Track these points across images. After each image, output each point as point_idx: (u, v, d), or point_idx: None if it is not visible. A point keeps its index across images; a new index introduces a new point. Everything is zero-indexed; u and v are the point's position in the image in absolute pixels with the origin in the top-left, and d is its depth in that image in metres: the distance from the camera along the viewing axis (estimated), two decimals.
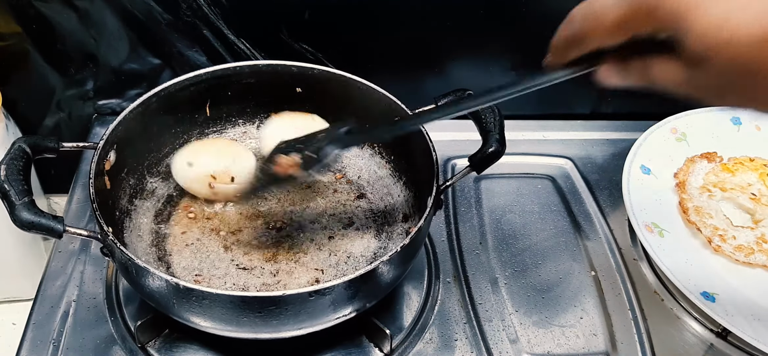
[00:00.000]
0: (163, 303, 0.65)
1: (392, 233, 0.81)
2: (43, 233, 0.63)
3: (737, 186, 0.91)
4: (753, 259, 0.83)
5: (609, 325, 0.79)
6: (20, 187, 0.64)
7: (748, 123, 1.00)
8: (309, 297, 0.61)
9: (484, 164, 0.73)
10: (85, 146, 0.75)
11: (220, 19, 0.93)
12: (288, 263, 0.76)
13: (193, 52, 0.96)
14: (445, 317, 0.79)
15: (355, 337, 0.75)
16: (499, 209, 0.93)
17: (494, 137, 0.73)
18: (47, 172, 1.05)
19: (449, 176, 0.96)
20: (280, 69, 0.84)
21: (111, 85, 0.99)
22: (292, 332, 0.66)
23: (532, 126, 1.06)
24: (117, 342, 0.74)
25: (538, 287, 0.83)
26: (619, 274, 0.85)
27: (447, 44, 1.01)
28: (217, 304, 0.61)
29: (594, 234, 0.90)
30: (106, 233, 0.64)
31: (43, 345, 0.73)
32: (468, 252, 0.87)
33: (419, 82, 1.02)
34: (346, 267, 0.77)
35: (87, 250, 0.83)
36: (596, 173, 1.00)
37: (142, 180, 0.82)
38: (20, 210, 0.63)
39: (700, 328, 0.80)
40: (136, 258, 0.62)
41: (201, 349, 0.73)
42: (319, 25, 0.95)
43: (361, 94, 0.82)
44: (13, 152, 0.67)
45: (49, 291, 0.79)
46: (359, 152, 0.89)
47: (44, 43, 0.94)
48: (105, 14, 0.91)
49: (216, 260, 0.76)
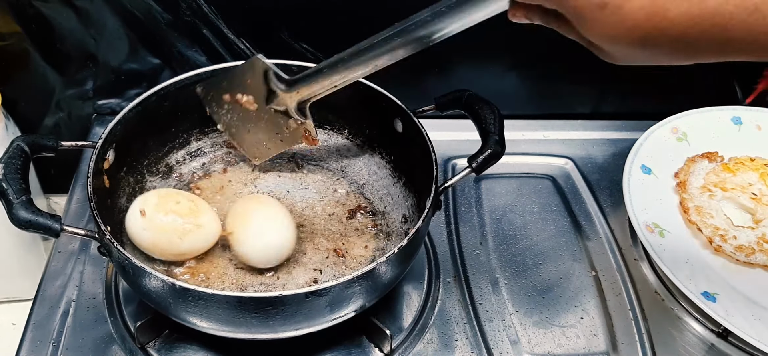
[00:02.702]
0: (160, 303, 0.65)
1: (391, 234, 0.80)
2: (40, 232, 0.63)
3: (738, 186, 0.91)
4: (754, 259, 0.83)
5: (609, 325, 0.79)
6: (18, 186, 0.64)
7: (749, 123, 1.00)
8: (306, 298, 0.61)
9: (484, 166, 0.73)
10: (84, 145, 0.75)
11: (219, 18, 0.93)
12: (287, 263, 0.76)
13: (193, 52, 0.96)
14: (445, 317, 0.79)
15: (355, 337, 0.75)
16: (499, 209, 0.93)
17: (494, 138, 0.73)
18: (47, 172, 1.05)
19: (449, 176, 0.96)
20: (280, 68, 0.84)
21: (110, 85, 0.99)
22: (290, 332, 0.65)
23: (533, 126, 1.06)
24: (117, 343, 0.73)
25: (539, 287, 0.83)
26: (620, 274, 0.85)
27: (447, 44, 1.00)
28: (214, 304, 0.61)
29: (594, 234, 0.90)
30: (103, 232, 0.64)
31: (42, 346, 0.73)
32: (468, 252, 0.87)
33: (419, 82, 1.02)
34: (345, 267, 0.76)
35: (87, 250, 0.83)
36: (597, 172, 1.00)
37: (142, 179, 0.82)
38: (18, 209, 0.62)
39: (700, 328, 0.80)
40: (133, 257, 0.62)
41: (201, 350, 0.73)
42: (319, 25, 0.95)
43: (361, 93, 0.82)
44: (11, 150, 0.67)
45: (49, 291, 0.79)
46: (359, 152, 0.89)
47: (44, 43, 0.93)
48: (105, 14, 0.91)
49: (214, 258, 0.76)
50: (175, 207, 0.71)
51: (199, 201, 0.75)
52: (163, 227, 0.70)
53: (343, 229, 0.81)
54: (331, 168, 0.88)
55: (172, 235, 0.70)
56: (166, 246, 0.71)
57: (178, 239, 0.71)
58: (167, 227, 0.70)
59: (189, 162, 0.87)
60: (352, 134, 0.89)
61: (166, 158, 0.85)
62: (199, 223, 0.71)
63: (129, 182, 0.80)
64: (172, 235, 0.70)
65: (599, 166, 1.01)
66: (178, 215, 0.70)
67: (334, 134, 0.90)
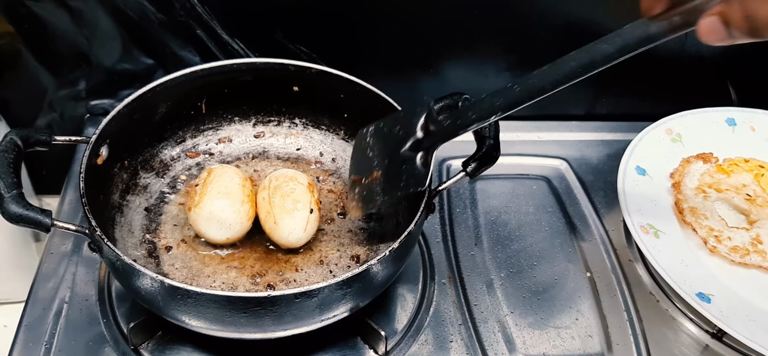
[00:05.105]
0: (149, 300, 0.64)
1: (385, 236, 0.80)
2: (31, 226, 0.63)
3: (732, 187, 0.91)
4: (748, 260, 0.83)
5: (604, 326, 0.79)
6: (10, 180, 0.63)
7: (743, 124, 1.00)
8: (295, 299, 0.61)
9: (478, 171, 0.73)
10: (78, 140, 0.74)
11: (213, 19, 0.92)
12: (279, 263, 0.75)
13: (187, 52, 0.95)
14: (440, 318, 0.79)
15: (349, 338, 0.75)
16: (494, 210, 0.93)
17: (489, 143, 0.73)
18: (39, 172, 1.04)
19: (445, 177, 0.96)
20: (278, 67, 0.84)
21: (103, 86, 0.98)
22: (280, 333, 0.65)
23: (527, 127, 1.06)
24: (109, 344, 0.73)
25: (534, 288, 0.83)
26: (615, 275, 0.85)
27: (442, 45, 1.00)
28: (202, 303, 0.61)
29: (589, 235, 0.90)
30: (93, 228, 0.63)
31: (34, 347, 0.72)
32: (463, 253, 0.86)
33: (415, 82, 1.02)
34: (337, 268, 0.76)
35: (79, 251, 0.82)
36: (591, 173, 1.00)
37: (135, 176, 0.82)
38: (8, 203, 0.62)
39: (695, 329, 0.80)
40: (122, 254, 0.61)
41: (194, 351, 0.72)
42: (313, 26, 0.94)
43: (357, 94, 0.82)
44: (4, 144, 0.67)
45: (41, 292, 0.78)
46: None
47: (36, 43, 0.93)
48: (98, 14, 0.90)
49: (206, 257, 0.75)
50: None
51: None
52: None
53: (336, 230, 0.80)
54: (325, 168, 0.88)
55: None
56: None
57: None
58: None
59: (184, 159, 0.87)
60: (347, 135, 0.89)
61: (161, 154, 0.85)
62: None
63: (122, 178, 0.80)
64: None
65: (594, 167, 1.01)
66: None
67: (330, 135, 0.90)
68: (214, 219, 0.73)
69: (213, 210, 0.73)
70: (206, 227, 0.74)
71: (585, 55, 0.56)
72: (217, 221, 0.74)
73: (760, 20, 0.47)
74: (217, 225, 0.74)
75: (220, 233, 0.74)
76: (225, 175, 0.76)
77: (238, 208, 0.74)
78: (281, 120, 0.90)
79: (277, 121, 0.90)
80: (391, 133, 0.70)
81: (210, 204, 0.74)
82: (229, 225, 0.74)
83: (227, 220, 0.74)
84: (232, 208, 0.74)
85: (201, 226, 0.74)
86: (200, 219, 0.74)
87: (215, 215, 0.73)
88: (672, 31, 0.52)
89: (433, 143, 0.68)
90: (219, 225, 0.74)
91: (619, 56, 0.55)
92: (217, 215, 0.73)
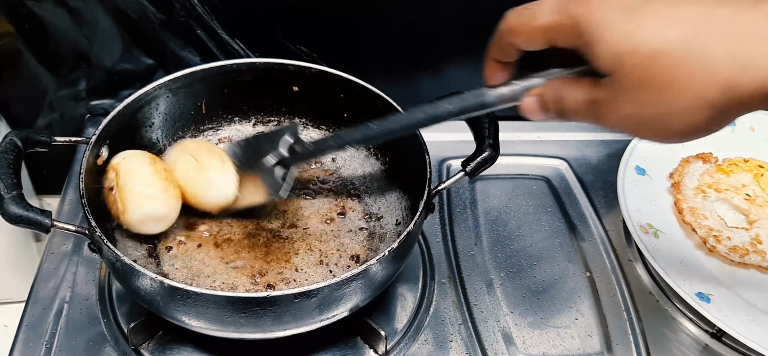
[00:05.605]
0: (149, 301, 0.64)
1: (384, 236, 0.80)
2: (31, 227, 0.63)
3: (732, 187, 0.92)
4: (748, 260, 0.83)
5: (604, 326, 0.79)
6: (9, 180, 0.63)
7: (743, 124, 1.00)
8: (294, 299, 0.61)
9: (478, 170, 0.73)
10: (78, 141, 0.74)
11: (213, 19, 0.92)
12: (279, 263, 0.76)
13: (187, 52, 0.95)
14: (440, 318, 0.79)
15: (349, 338, 0.75)
16: (494, 210, 0.93)
17: (488, 143, 0.73)
18: (39, 173, 1.04)
19: (444, 177, 0.96)
20: (277, 67, 0.84)
21: (104, 86, 0.98)
22: (280, 333, 0.65)
23: (527, 127, 1.05)
24: (110, 344, 0.73)
25: (534, 288, 0.83)
26: (614, 275, 0.85)
27: (442, 45, 1.00)
28: (202, 303, 0.61)
29: (589, 235, 0.90)
30: (93, 228, 0.63)
31: (35, 347, 0.73)
32: (463, 253, 0.86)
33: (415, 82, 1.02)
34: (337, 268, 0.76)
35: (79, 251, 0.82)
36: (591, 173, 1.00)
37: None
38: (8, 203, 0.62)
39: (695, 329, 0.80)
40: (122, 255, 0.62)
41: (195, 351, 0.73)
42: (313, 26, 0.95)
43: (357, 94, 0.82)
44: (4, 145, 0.67)
45: (42, 292, 0.78)
46: (354, 153, 0.88)
47: (37, 43, 0.93)
48: (98, 14, 0.90)
49: (206, 257, 0.75)
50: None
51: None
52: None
53: (336, 230, 0.80)
54: (325, 168, 0.88)
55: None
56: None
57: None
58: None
59: None
60: None
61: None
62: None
63: None
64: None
65: (594, 167, 1.01)
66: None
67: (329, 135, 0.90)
68: (148, 220, 0.73)
69: (144, 212, 0.72)
70: (144, 229, 0.74)
71: (431, 109, 0.63)
72: (152, 219, 0.73)
73: (566, 105, 0.52)
74: (153, 223, 0.74)
75: (157, 226, 0.74)
76: (134, 169, 0.73)
77: (163, 198, 0.73)
78: (281, 120, 0.90)
79: (277, 121, 0.90)
80: (262, 147, 0.77)
81: (137, 208, 0.72)
82: (164, 216, 0.74)
83: (160, 214, 0.73)
84: (158, 199, 0.73)
85: (138, 230, 0.74)
86: (134, 224, 0.72)
87: (147, 216, 0.72)
88: (502, 103, 0.58)
89: (294, 162, 0.75)
90: (155, 222, 0.74)
91: (459, 115, 0.61)
92: (149, 215, 0.72)
